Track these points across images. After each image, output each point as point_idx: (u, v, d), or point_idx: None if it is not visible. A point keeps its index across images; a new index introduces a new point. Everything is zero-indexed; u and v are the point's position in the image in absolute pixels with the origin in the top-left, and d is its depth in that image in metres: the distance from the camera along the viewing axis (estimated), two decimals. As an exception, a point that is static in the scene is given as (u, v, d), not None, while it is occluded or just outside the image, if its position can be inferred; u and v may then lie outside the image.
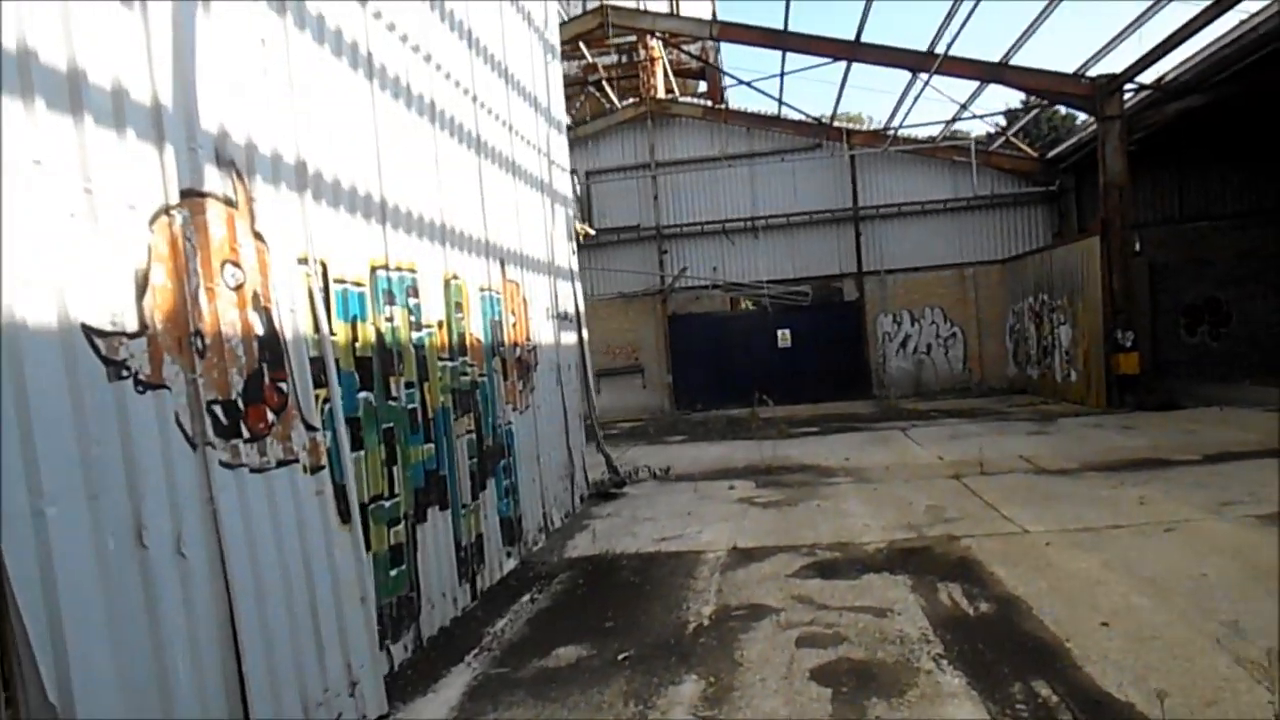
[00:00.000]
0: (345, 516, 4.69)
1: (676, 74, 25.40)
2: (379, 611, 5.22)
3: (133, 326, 3.28)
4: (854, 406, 20.49)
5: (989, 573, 6.35)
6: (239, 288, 4.02)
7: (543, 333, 9.56)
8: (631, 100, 23.68)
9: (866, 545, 7.43)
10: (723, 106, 23.75)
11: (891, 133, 21.70)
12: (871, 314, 22.67)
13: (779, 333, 23.02)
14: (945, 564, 6.69)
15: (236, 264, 4.02)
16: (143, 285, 3.35)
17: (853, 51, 17.30)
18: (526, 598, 6.74)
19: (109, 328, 3.15)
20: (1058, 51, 54.79)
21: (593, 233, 22.88)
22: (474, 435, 7.14)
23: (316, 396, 4.60)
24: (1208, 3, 12.78)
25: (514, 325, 8.50)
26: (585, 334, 11.30)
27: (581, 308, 11.24)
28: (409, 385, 5.95)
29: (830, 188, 22.72)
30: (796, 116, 22.58)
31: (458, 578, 6.53)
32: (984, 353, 22.18)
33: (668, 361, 23.46)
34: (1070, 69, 16.42)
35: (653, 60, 23.69)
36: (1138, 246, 20.17)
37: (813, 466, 11.95)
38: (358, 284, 5.32)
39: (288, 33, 4.69)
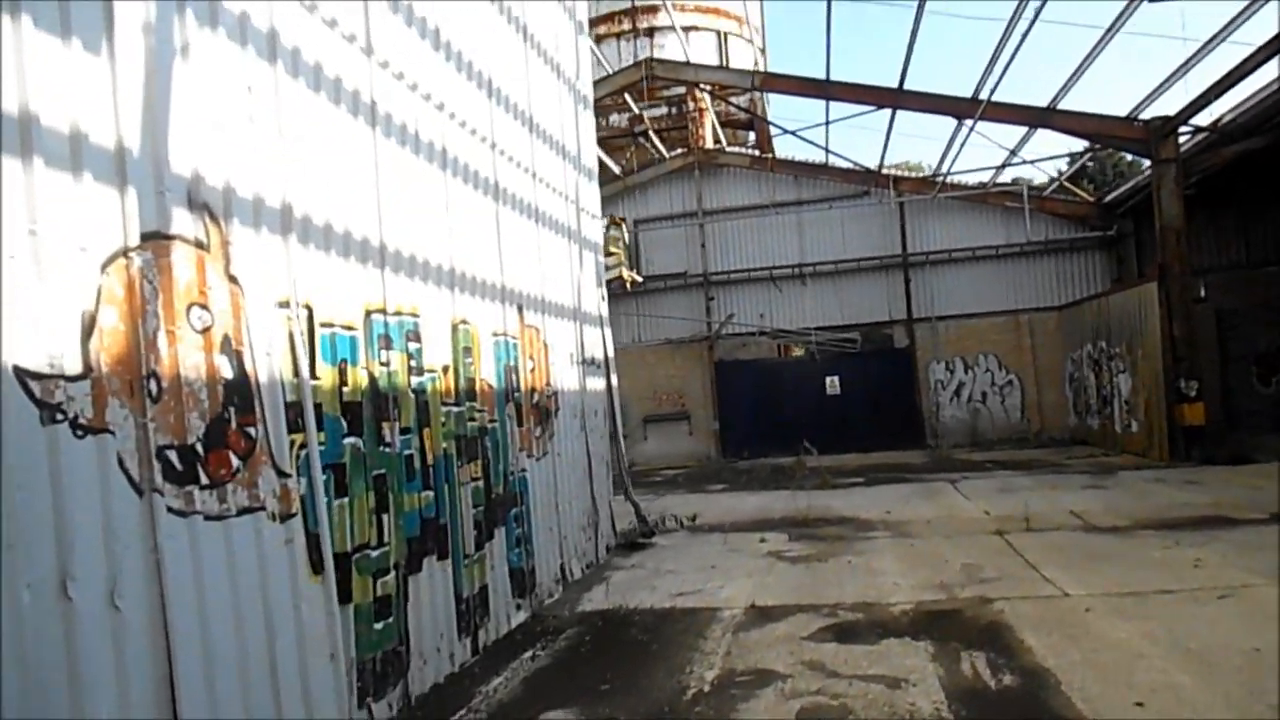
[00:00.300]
0: (318, 567, 4.54)
1: (725, 125, 25.49)
2: (360, 667, 5.04)
3: (74, 369, 3.21)
4: (905, 456, 19.83)
5: (1019, 640, 5.88)
6: (206, 330, 3.95)
7: (566, 378, 9.42)
8: (680, 151, 23.78)
9: (893, 607, 7.00)
10: (770, 156, 23.71)
11: (940, 179, 21.32)
12: (923, 361, 22.07)
13: (828, 380, 22.56)
14: (973, 629, 6.24)
15: (205, 306, 3.97)
16: (89, 328, 3.29)
17: (896, 99, 17.09)
18: (529, 654, 6.49)
19: (46, 370, 3.09)
20: (1109, 95, 53.66)
21: (640, 280, 22.96)
22: (481, 483, 6.99)
23: (293, 442, 4.50)
24: (1262, 42, 12.27)
25: (532, 371, 8.38)
26: (615, 380, 11.14)
27: (611, 354, 11.10)
28: (405, 431, 5.84)
29: (879, 234, 22.36)
30: (844, 165, 22.39)
31: (457, 631, 6.32)
32: (1043, 402, 21.33)
33: (715, 408, 23.15)
34: (1123, 112, 15.93)
35: (700, 112, 23.83)
36: (1202, 292, 19.31)
37: (851, 519, 11.48)
38: (349, 328, 5.24)
39: (278, 80, 4.70)
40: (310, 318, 4.85)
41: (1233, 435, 17.00)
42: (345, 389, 5.17)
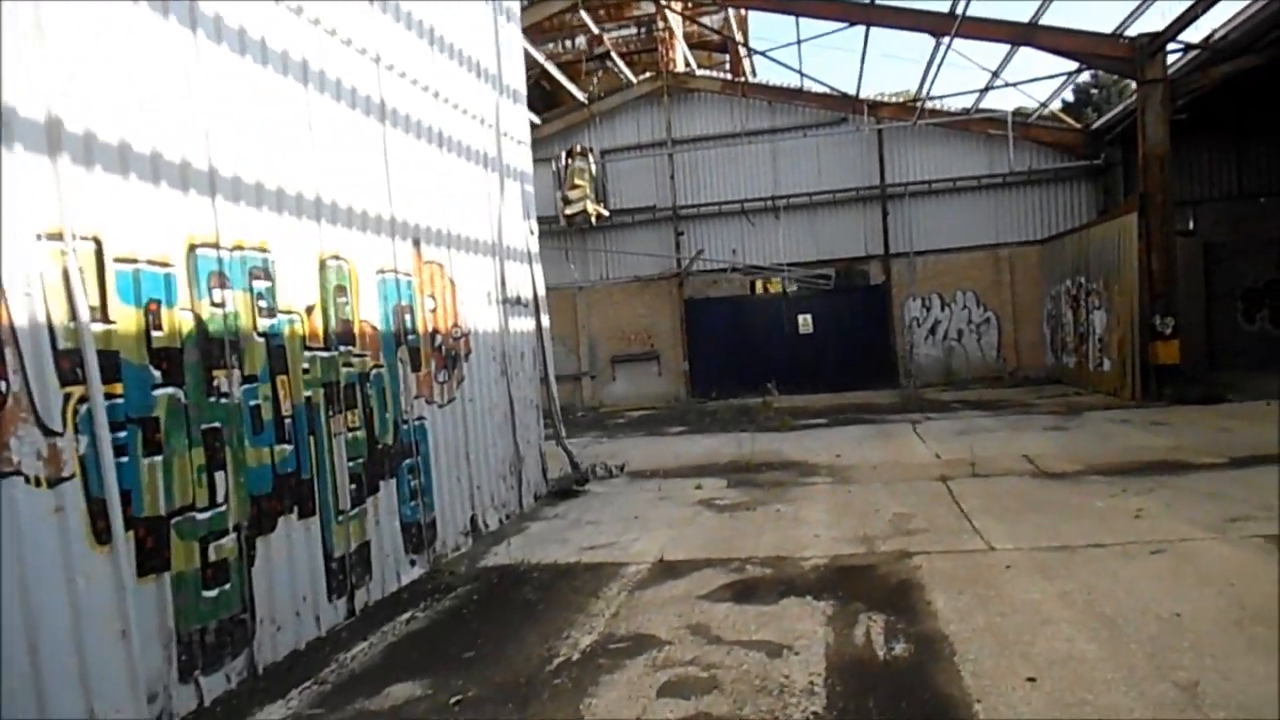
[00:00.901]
0: (104, 536, 4.01)
1: (696, 47, 24.32)
2: (188, 638, 4.56)
3: None
4: (875, 396, 19.34)
5: (926, 602, 5.41)
6: (-79, 267, 3.34)
7: (482, 319, 8.82)
8: (648, 75, 22.71)
9: (806, 561, 6.53)
10: (743, 80, 22.62)
11: (920, 104, 20.32)
12: (899, 298, 21.42)
13: (800, 318, 21.96)
14: (882, 588, 5.77)
15: (-80, 239, 3.35)
16: None
17: (867, 15, 16.08)
18: (407, 616, 6.03)
19: None
20: (1099, 12, 51.24)
21: (606, 214, 22.17)
22: (361, 433, 6.44)
23: (69, 395, 3.93)
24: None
25: (434, 311, 7.77)
26: (546, 321, 10.52)
27: (542, 293, 10.46)
28: (250, 379, 5.27)
29: (856, 165, 21.49)
30: (821, 90, 21.39)
31: (327, 593, 5.86)
32: (1020, 340, 20.75)
33: (684, 348, 22.58)
34: (1109, 29, 14.99)
35: (669, 33, 22.66)
36: (1190, 224, 18.63)
37: (798, 464, 11.01)
38: (160, 264, 4.62)
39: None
40: (99, 252, 4.23)
41: (1211, 374, 16.53)
42: (157, 334, 4.57)
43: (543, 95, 23.80)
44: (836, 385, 21.12)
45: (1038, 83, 18.90)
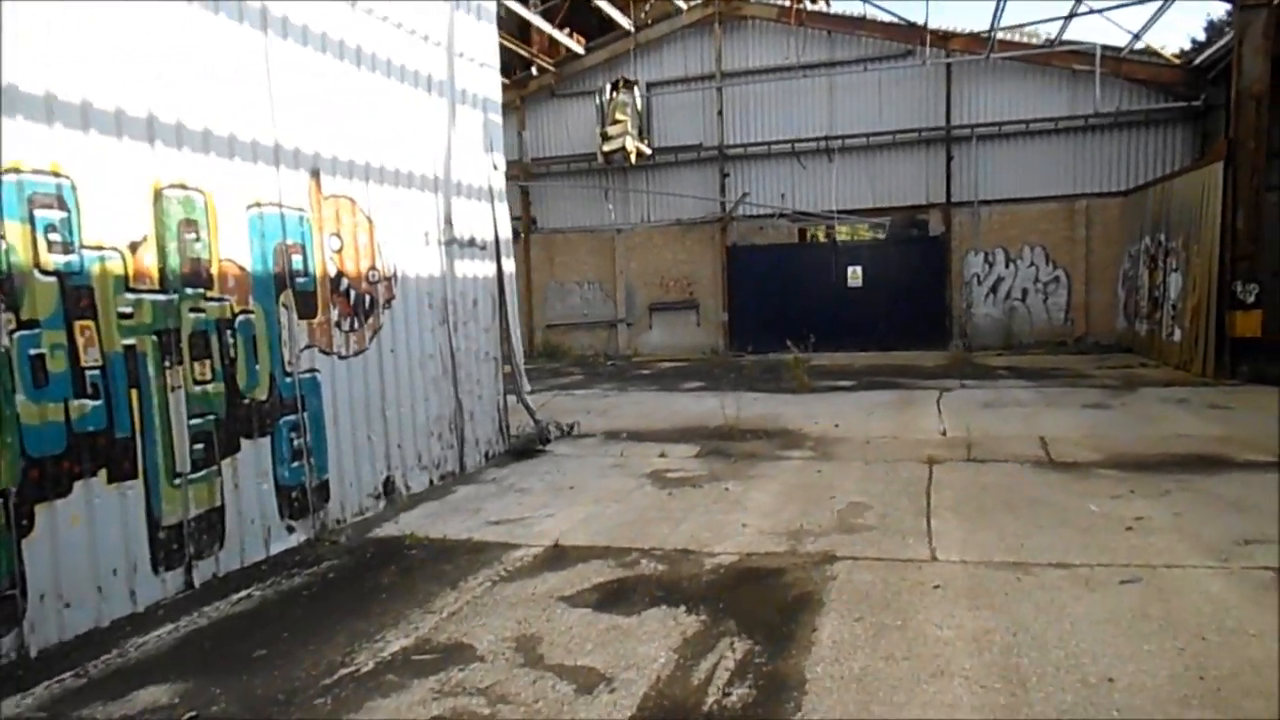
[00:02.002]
0: None
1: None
2: (-84, 620, 3.98)
3: None
4: (922, 358, 17.84)
5: (812, 628, 4.41)
6: None
7: (416, 261, 7.99)
8: (699, 1, 21.15)
9: (711, 558, 5.58)
10: (800, 6, 20.81)
11: (994, 36, 18.24)
12: (959, 251, 19.64)
13: (849, 269, 20.44)
14: (773, 603, 4.78)
15: None
16: None
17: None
18: (242, 594, 5.38)
19: None
20: None
21: (648, 152, 21.04)
22: (216, 385, 5.75)
23: None
24: None
25: (339, 251, 6.98)
26: (510, 265, 9.62)
27: (505, 235, 9.55)
28: (31, 325, 4.58)
29: (920, 103, 19.60)
30: (886, 18, 19.49)
31: (152, 564, 5.24)
32: (1091, 302, 18.79)
33: (725, 297, 21.40)
34: (1207, -56, 12.84)
35: (724, -46, 20.98)
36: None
37: (788, 433, 9.94)
38: (-124, 186, 3.92)
39: None
40: None
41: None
42: None
43: (590, 23, 22.60)
44: (884, 343, 19.68)
45: (1132, 8, 16.52)
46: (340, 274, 6.98)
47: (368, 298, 7.31)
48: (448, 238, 8.51)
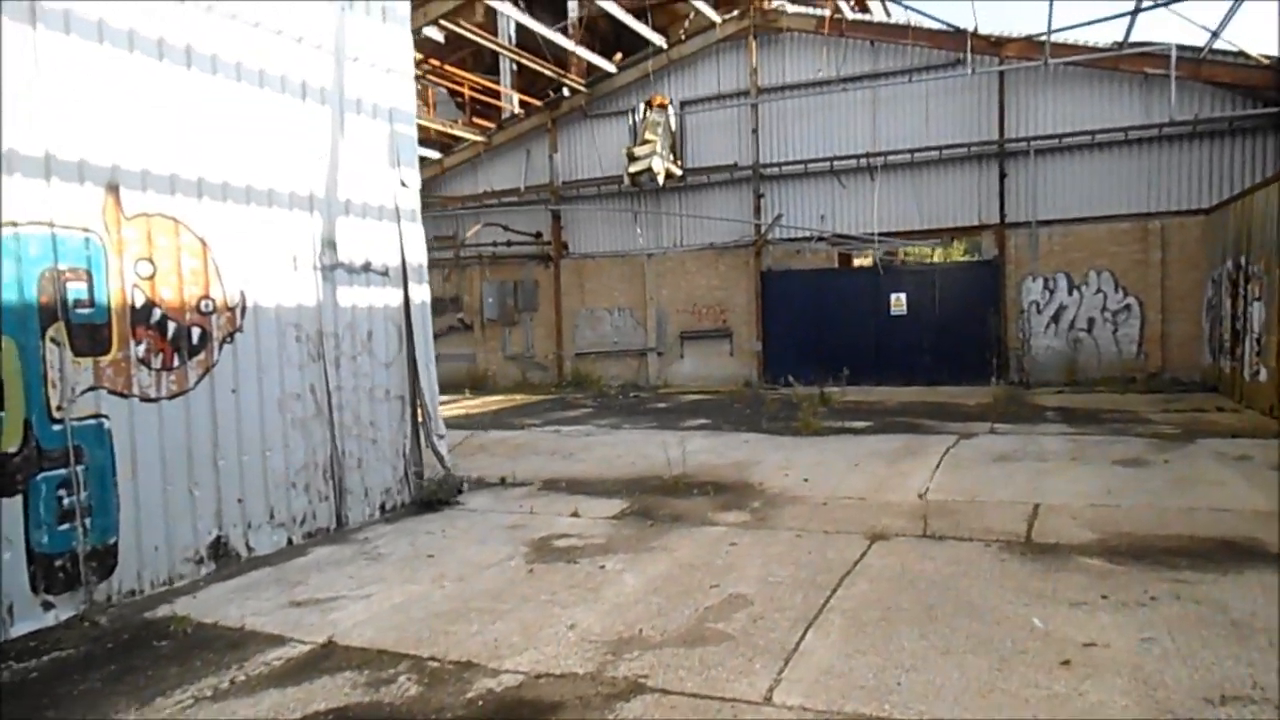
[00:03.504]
0: None
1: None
2: None
3: None
4: (968, 395, 15.93)
5: (514, 816, 3.08)
6: None
7: (278, 289, 7.02)
8: (734, 14, 19.94)
9: (489, 679, 4.28)
10: (841, 16, 19.32)
11: (1049, 40, 16.31)
12: (1015, 277, 17.65)
13: (893, 297, 18.70)
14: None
15: None
16: None
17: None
18: (-85, 696, 4.41)
19: None
20: None
21: (678, 173, 19.88)
22: (-68, 437, 4.85)
23: None
24: None
25: (150, 279, 6.04)
26: (421, 295, 8.55)
27: (415, 260, 8.49)
28: None
29: (971, 115, 17.81)
30: (932, 25, 17.81)
31: None
32: (1168, 334, 16.47)
33: (759, 325, 19.92)
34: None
35: (759, -36, 19.75)
36: None
37: (740, 488, 8.52)
38: None
39: None
40: None
41: None
42: None
43: (624, 40, 21.72)
44: (930, 377, 17.87)
45: (1208, 1, 14.43)
46: (151, 304, 6.05)
47: (195, 330, 6.35)
48: (329, 262, 7.53)
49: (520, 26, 20.50)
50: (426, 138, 22.80)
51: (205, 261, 6.43)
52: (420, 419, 8.51)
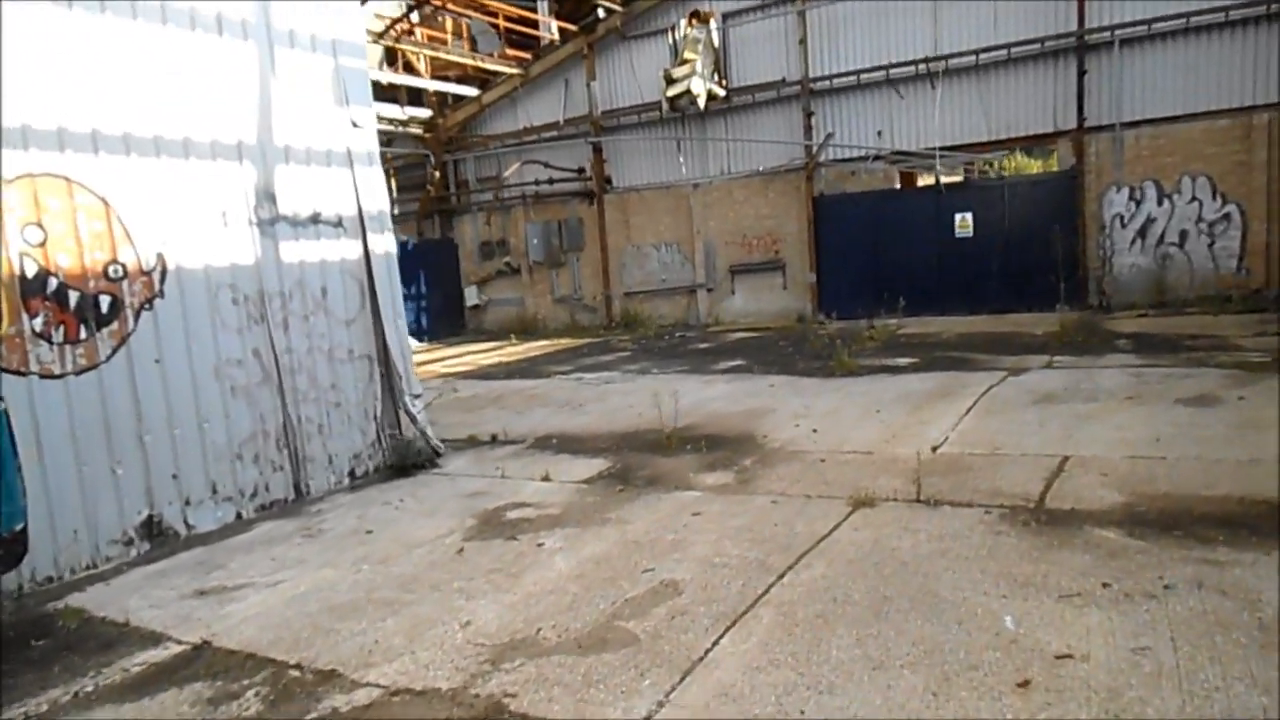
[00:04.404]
0: None
1: None
2: None
3: None
4: (1037, 322, 14.49)
5: None
6: None
7: (207, 248, 6.51)
8: (776, -88, 18.26)
9: (340, 695, 3.72)
10: (895, -95, 17.40)
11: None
12: (1096, 188, 15.87)
13: (957, 217, 17.15)
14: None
15: None
16: None
17: None
18: None
19: None
20: None
21: (721, 94, 18.63)
22: None
23: None
24: None
25: (41, 245, 5.58)
26: (385, 242, 7.91)
27: (377, 206, 7.84)
28: None
29: (1044, 5, 15.86)
30: (997, -96, 15.85)
31: None
32: (1274, 245, 14.52)
33: (812, 256, 18.69)
34: None
35: None
36: None
37: (737, 442, 7.76)
38: None
39: None
40: None
41: None
42: None
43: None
44: (999, 304, 16.41)
45: None
46: (46, 272, 5.60)
47: (104, 299, 5.90)
48: (268, 215, 6.96)
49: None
50: (464, 74, 22.13)
51: (109, 223, 5.94)
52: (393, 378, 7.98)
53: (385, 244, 7.93)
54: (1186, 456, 6.03)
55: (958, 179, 21.42)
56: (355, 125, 7.67)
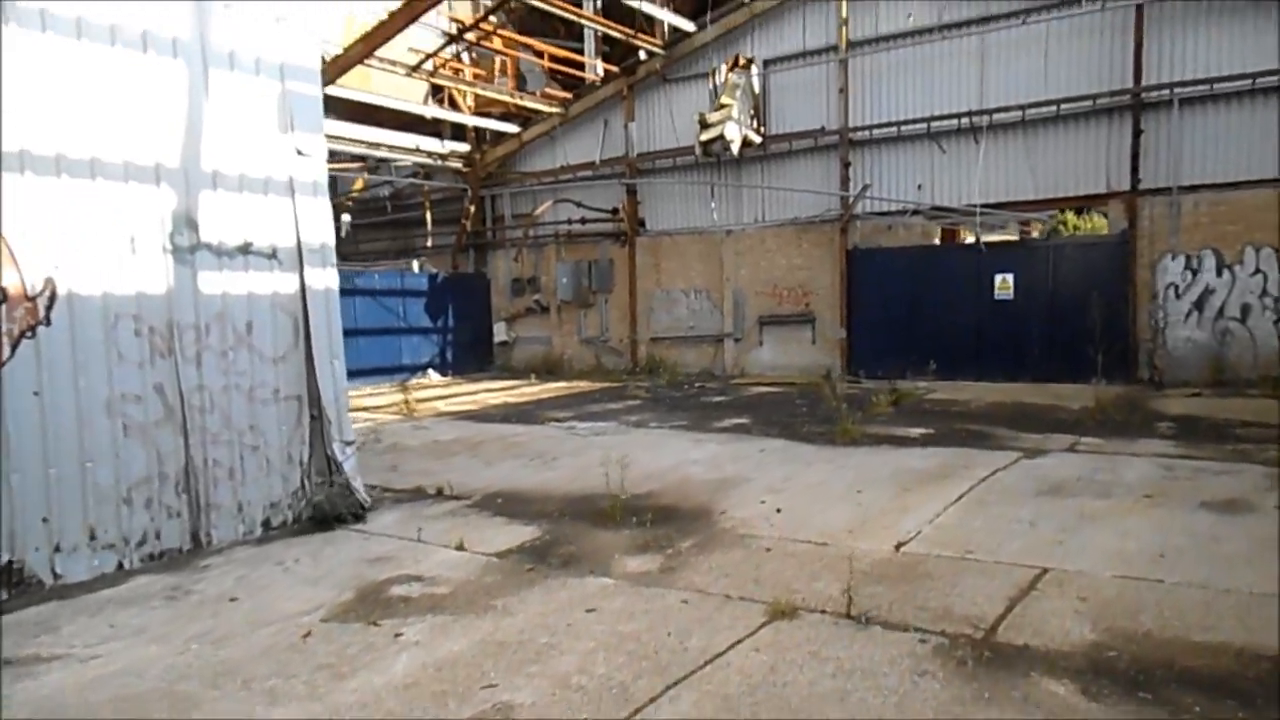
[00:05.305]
0: None
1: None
2: None
3: None
4: (1076, 394, 13.15)
5: None
6: None
7: (108, 275, 6.06)
8: (822, -42, 17.72)
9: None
10: (944, -48, 16.69)
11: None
12: (1149, 255, 14.69)
13: (998, 278, 16.07)
14: None
15: None
16: None
17: None
18: None
19: None
20: None
21: (757, 140, 18.00)
22: None
23: None
24: None
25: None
26: (325, 278, 7.39)
27: (318, 239, 7.34)
28: None
29: (1098, 60, 14.94)
30: (1052, -47, 15.01)
31: None
32: (1349, 326, 13.12)
33: (844, 311, 17.77)
34: None
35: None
36: None
37: (686, 519, 6.95)
38: None
39: None
40: None
41: None
42: None
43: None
44: (1040, 372, 15.24)
45: None
46: (-105, 294, 5.20)
47: (-38, 325, 5.47)
48: (187, 243, 6.51)
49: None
50: (507, 111, 21.97)
51: (-10, 246, 5.53)
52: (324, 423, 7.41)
53: (326, 279, 7.42)
54: (1190, 582, 5.02)
55: (1010, 238, 20.36)
56: (300, 153, 7.22)
